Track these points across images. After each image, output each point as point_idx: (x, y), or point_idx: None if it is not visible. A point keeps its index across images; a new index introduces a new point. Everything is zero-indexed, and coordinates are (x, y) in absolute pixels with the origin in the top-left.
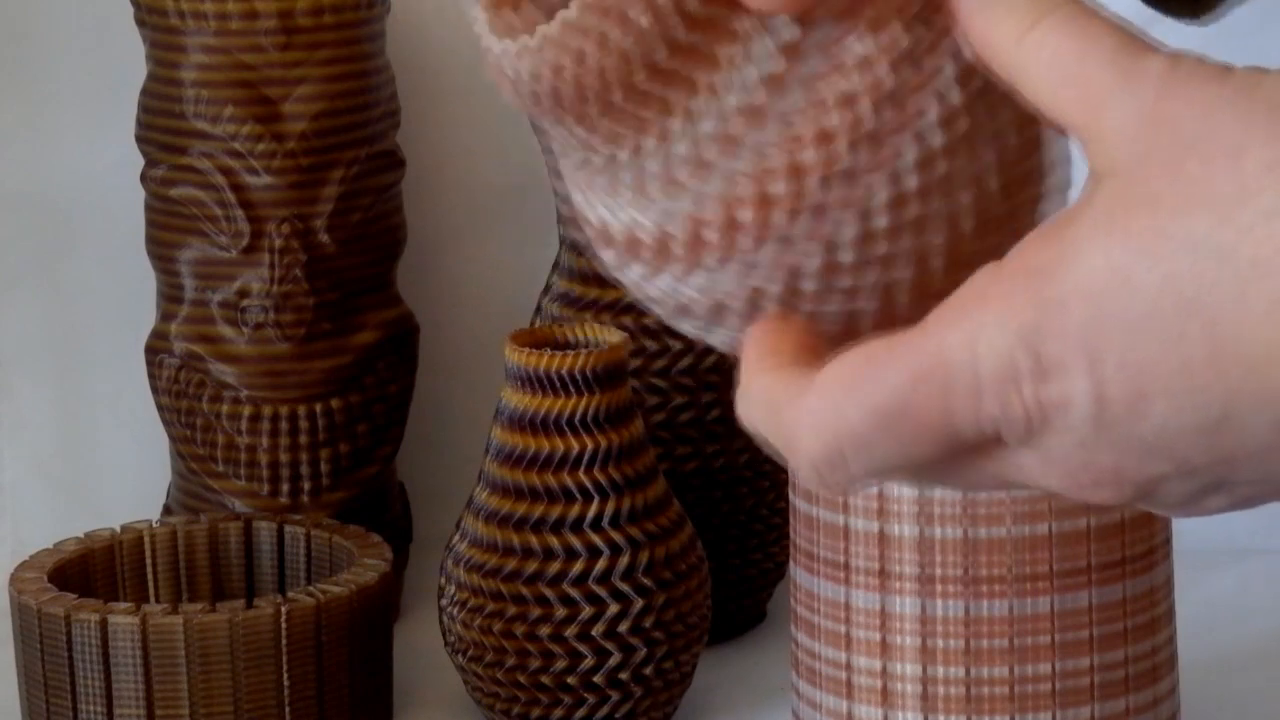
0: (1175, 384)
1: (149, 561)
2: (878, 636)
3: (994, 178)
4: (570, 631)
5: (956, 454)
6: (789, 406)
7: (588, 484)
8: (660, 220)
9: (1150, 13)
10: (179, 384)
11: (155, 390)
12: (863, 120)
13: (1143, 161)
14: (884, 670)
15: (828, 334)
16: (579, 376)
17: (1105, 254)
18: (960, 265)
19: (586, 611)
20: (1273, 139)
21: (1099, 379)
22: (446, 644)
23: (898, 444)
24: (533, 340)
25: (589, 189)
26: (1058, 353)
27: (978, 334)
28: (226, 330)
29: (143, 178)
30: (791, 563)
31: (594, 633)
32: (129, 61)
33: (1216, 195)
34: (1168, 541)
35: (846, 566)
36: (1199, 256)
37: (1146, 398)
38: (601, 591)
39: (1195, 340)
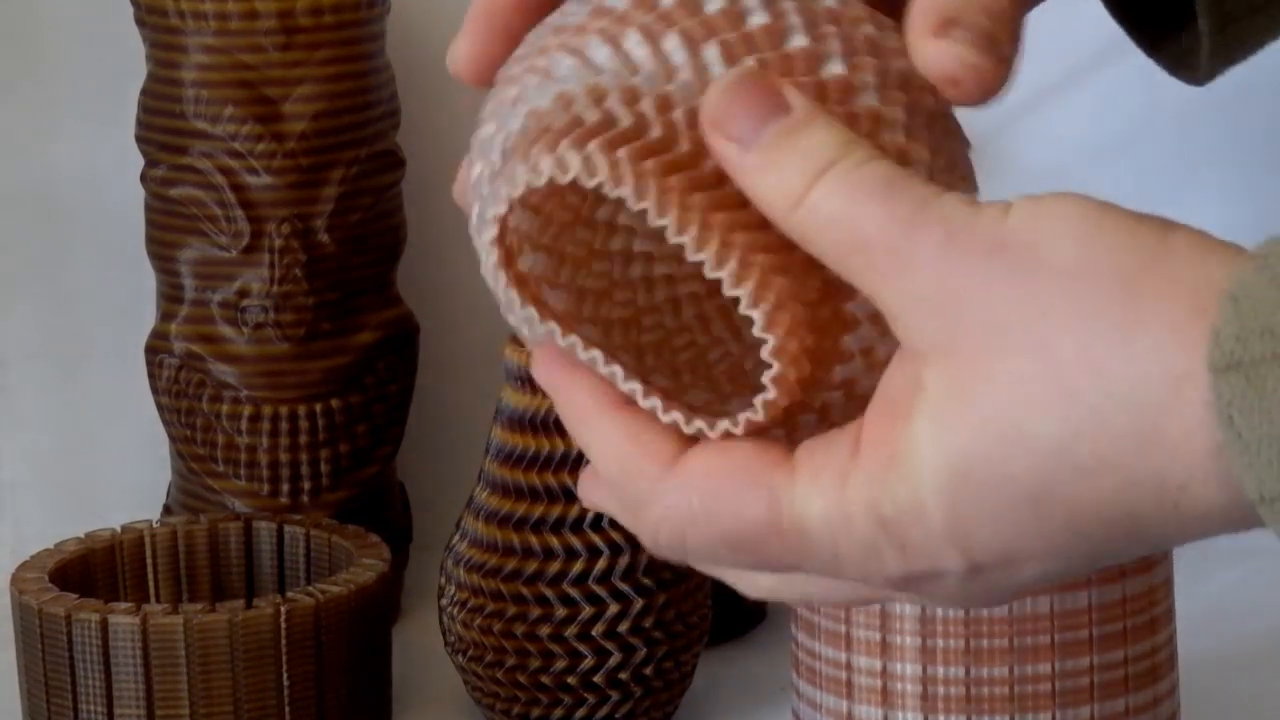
0: (1042, 546)
1: (149, 561)
2: (878, 636)
3: None
4: (570, 631)
5: None
6: (646, 481)
7: None
8: None
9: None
10: (179, 384)
11: (155, 390)
12: None
13: (952, 350)
14: (884, 670)
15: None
16: None
17: (948, 456)
18: None
19: (586, 611)
20: (1073, 325)
21: (968, 555)
22: (446, 644)
23: (737, 561)
24: None
25: None
26: (922, 539)
27: (838, 515)
28: (226, 330)
29: (143, 178)
30: None
31: (594, 633)
32: (129, 61)
33: (1037, 396)
34: None
35: None
36: (1038, 457)
37: (1017, 560)
38: (601, 591)
39: (1054, 520)
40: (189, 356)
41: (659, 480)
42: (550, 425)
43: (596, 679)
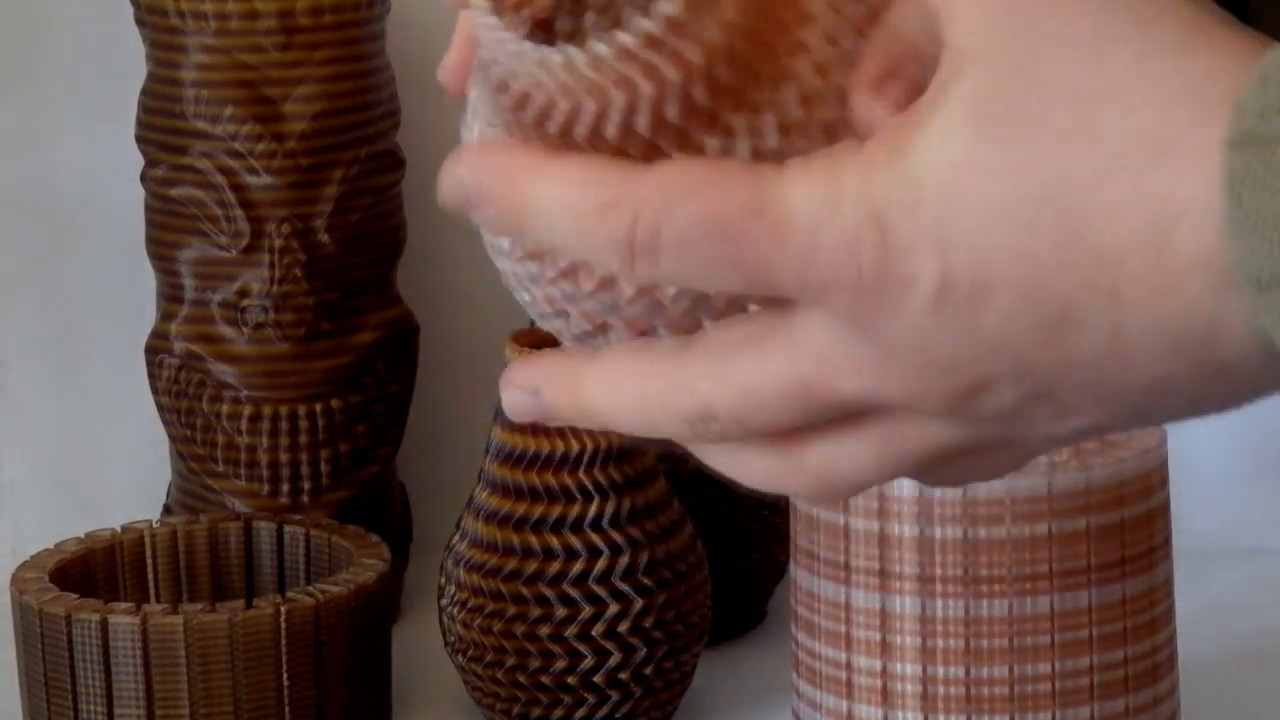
0: (1020, 274)
1: (149, 561)
2: (878, 636)
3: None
4: (570, 631)
5: (767, 297)
6: (612, 184)
7: (588, 484)
8: None
9: None
10: (179, 384)
11: (155, 390)
12: None
13: (1003, 52)
14: (884, 670)
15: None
16: None
17: (964, 138)
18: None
19: (586, 611)
20: (1133, 38)
21: (946, 264)
22: (446, 644)
23: (711, 262)
24: (533, 340)
25: None
26: (907, 233)
27: (825, 198)
28: (226, 330)
29: (143, 178)
30: (791, 562)
31: (594, 633)
32: (129, 61)
33: (1079, 90)
34: (1167, 541)
35: (847, 566)
36: (1059, 145)
37: (990, 286)
38: (601, 591)
39: (1046, 228)
40: (189, 356)
41: (630, 176)
42: (550, 425)
43: (596, 679)
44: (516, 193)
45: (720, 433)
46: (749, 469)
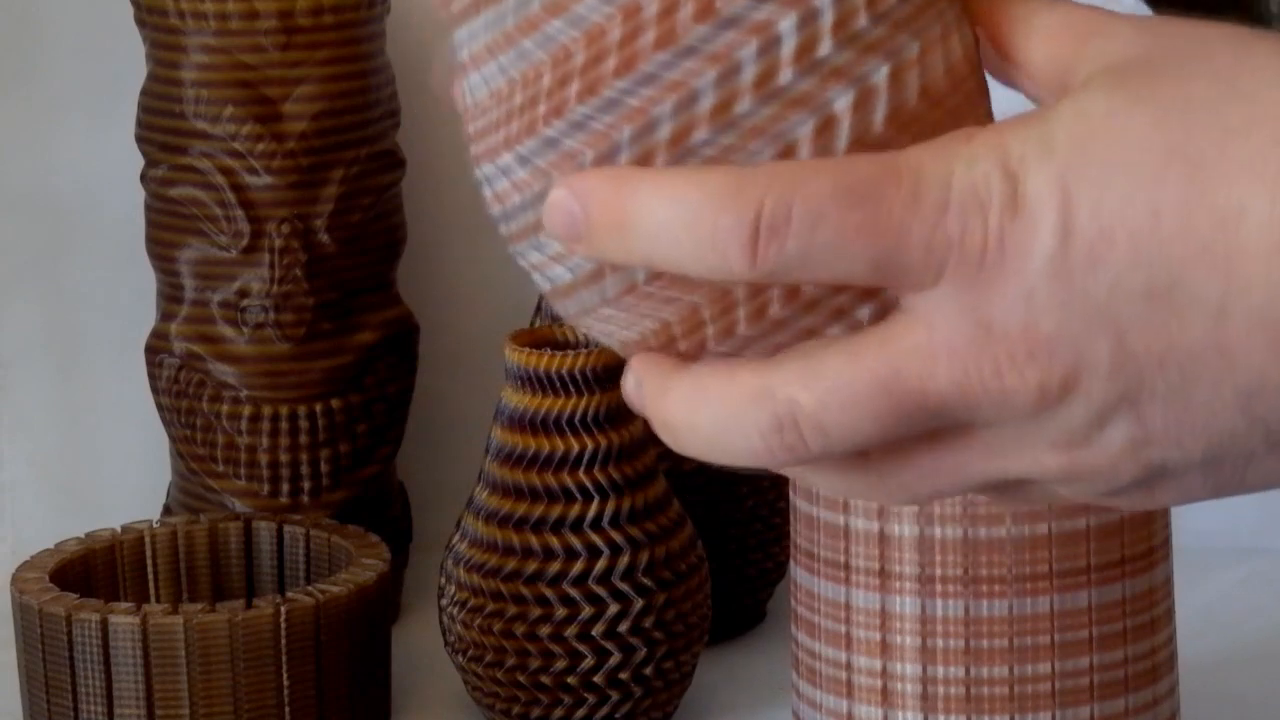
0: (1142, 228)
1: (149, 561)
2: (878, 636)
3: (949, 55)
4: (570, 631)
5: (885, 283)
6: (741, 170)
7: (588, 484)
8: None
9: None
10: (179, 384)
11: (155, 390)
12: None
13: (1143, 53)
14: (884, 670)
15: None
16: (579, 376)
17: (1100, 98)
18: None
19: (586, 611)
20: (1274, 41)
21: (1068, 216)
22: (446, 644)
23: (843, 234)
24: (533, 340)
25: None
26: (1036, 186)
27: (959, 157)
28: (226, 330)
29: (143, 178)
30: (791, 562)
31: (594, 633)
32: (129, 61)
33: (1219, 66)
34: (1167, 541)
35: (847, 566)
36: (1195, 105)
37: (1110, 242)
38: (601, 591)
39: (1172, 181)
40: (189, 356)
41: (748, 169)
42: (550, 425)
43: (596, 679)
44: (624, 202)
45: (798, 443)
46: (824, 479)
